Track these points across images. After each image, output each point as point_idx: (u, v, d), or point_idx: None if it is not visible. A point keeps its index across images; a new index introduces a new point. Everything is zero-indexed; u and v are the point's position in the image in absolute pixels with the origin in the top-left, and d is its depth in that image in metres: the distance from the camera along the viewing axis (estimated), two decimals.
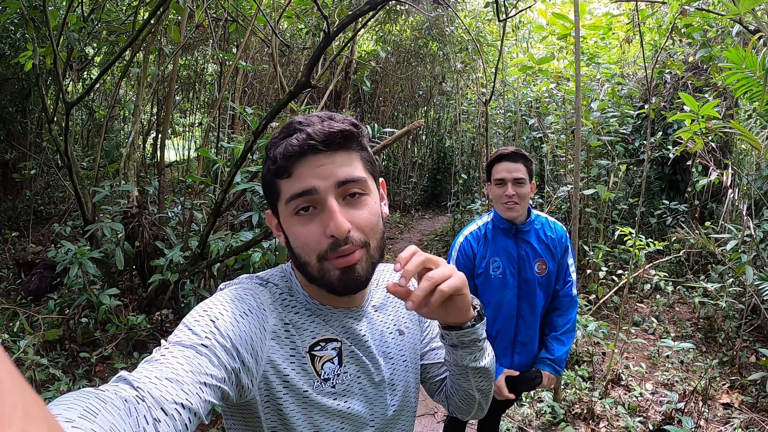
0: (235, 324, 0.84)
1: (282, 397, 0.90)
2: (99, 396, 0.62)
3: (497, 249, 2.38)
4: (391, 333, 1.09)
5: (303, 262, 0.91)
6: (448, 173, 11.41)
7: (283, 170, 0.89)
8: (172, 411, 0.68)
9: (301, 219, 0.89)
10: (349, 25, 4.53)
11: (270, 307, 0.94)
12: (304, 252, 0.90)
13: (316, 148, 0.87)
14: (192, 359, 0.75)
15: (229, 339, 0.81)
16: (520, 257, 2.38)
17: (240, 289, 0.94)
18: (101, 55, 6.15)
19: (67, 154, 4.31)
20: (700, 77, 6.11)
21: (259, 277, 1.00)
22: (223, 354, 0.79)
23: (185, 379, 0.72)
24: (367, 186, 0.92)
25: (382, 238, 0.94)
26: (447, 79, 10.97)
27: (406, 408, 1.11)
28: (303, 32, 8.33)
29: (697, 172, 6.20)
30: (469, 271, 2.38)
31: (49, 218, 7.07)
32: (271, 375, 0.89)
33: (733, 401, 4.08)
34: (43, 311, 4.40)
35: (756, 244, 4.39)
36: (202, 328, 0.81)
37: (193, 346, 0.77)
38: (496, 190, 2.33)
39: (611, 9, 6.43)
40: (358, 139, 0.93)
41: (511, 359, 2.45)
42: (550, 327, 2.52)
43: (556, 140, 7.42)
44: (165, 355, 0.76)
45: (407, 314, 1.15)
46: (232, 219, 5.42)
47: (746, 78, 3.19)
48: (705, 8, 3.89)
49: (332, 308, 0.99)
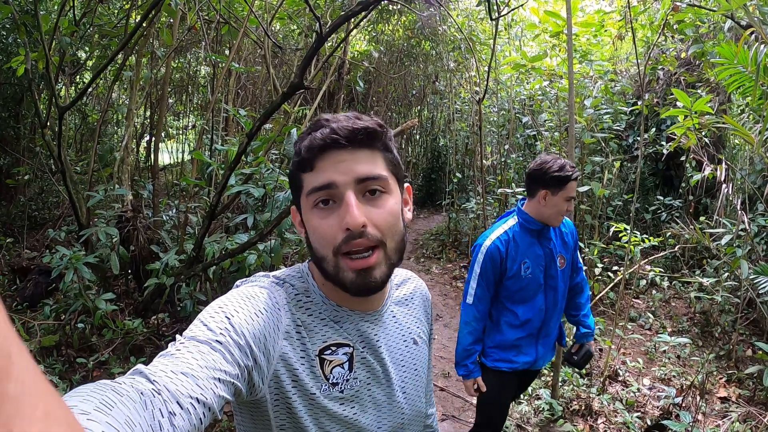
0: (249, 322, 0.85)
1: (292, 396, 0.90)
2: (115, 389, 0.62)
3: (526, 250, 2.48)
4: (406, 341, 1.10)
5: (320, 257, 0.92)
6: (443, 172, 11.41)
7: (306, 163, 0.91)
8: (188, 405, 0.68)
9: (320, 212, 0.91)
10: (342, 26, 4.52)
11: (285, 306, 0.95)
12: (320, 245, 0.91)
13: (339, 143, 0.89)
14: (206, 355, 0.76)
15: (243, 336, 0.82)
16: (546, 255, 2.52)
17: (256, 287, 0.94)
18: (93, 58, 6.13)
19: (60, 159, 4.30)
20: (692, 73, 6.13)
21: (276, 276, 1.01)
22: (236, 351, 0.80)
23: (200, 374, 0.73)
24: (387, 185, 0.93)
25: (401, 241, 0.95)
26: (440, 79, 10.97)
27: (416, 417, 1.12)
28: (295, 33, 8.32)
29: (691, 167, 6.23)
30: (497, 274, 2.48)
31: (44, 224, 7.04)
32: (282, 373, 0.90)
33: (730, 395, 4.10)
34: (39, 317, 4.38)
35: (751, 238, 4.41)
36: (217, 324, 0.81)
37: (207, 341, 0.78)
38: (561, 204, 2.42)
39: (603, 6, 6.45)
40: (383, 138, 0.94)
41: (536, 350, 2.61)
42: (575, 308, 2.82)
43: (549, 138, 7.43)
44: (180, 349, 0.76)
45: (421, 327, 1.17)
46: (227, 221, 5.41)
47: (739, 73, 3.22)
48: (697, 4, 3.90)
49: (348, 311, 1.00)
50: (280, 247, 4.15)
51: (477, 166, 9.08)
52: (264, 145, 4.36)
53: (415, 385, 1.10)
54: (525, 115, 8.21)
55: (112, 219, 4.75)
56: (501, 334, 2.54)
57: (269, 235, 3.93)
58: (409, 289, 1.18)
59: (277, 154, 5.39)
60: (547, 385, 4.16)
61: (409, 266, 7.94)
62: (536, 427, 3.77)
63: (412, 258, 8.50)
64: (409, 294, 1.17)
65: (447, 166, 10.65)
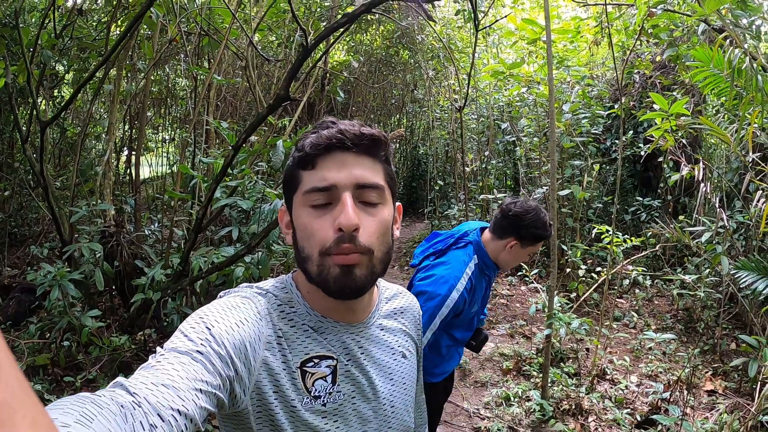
0: (230, 332, 0.83)
1: (274, 408, 0.89)
2: (95, 401, 0.62)
3: (479, 291, 2.40)
4: (395, 355, 1.08)
5: (305, 257, 0.91)
6: (424, 180, 11.46)
7: (308, 160, 0.91)
8: (169, 417, 0.67)
9: (314, 211, 0.90)
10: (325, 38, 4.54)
11: (267, 317, 0.93)
12: (308, 244, 0.90)
13: (345, 144, 0.89)
14: (187, 366, 0.75)
15: (224, 347, 0.80)
16: (488, 285, 2.48)
17: (238, 297, 0.93)
18: (72, 72, 6.07)
19: (42, 175, 4.24)
20: (667, 76, 6.27)
21: (259, 287, 0.99)
22: (218, 361, 0.78)
23: (181, 386, 0.72)
24: (384, 196, 0.94)
25: (387, 252, 0.94)
26: (419, 87, 11.05)
27: (401, 431, 1.10)
28: (274, 44, 8.33)
29: (669, 168, 6.35)
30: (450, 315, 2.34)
31: (24, 240, 6.91)
32: (265, 384, 0.89)
33: (717, 387, 4.18)
34: (24, 336, 4.30)
35: (729, 235, 4.52)
36: (198, 335, 0.80)
37: (188, 352, 0.77)
38: (524, 257, 2.35)
39: (579, 13, 6.57)
40: (385, 149, 0.95)
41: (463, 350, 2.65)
42: None
43: (529, 143, 7.54)
44: (161, 361, 0.75)
45: (411, 342, 1.16)
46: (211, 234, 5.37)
47: (713, 75, 3.30)
48: (672, 9, 4.00)
49: (333, 322, 0.98)
50: (267, 259, 4.14)
51: (458, 173, 9.16)
52: (249, 157, 4.36)
53: (403, 400, 1.09)
54: (504, 121, 8.32)
55: (95, 234, 4.69)
56: (440, 356, 2.47)
57: (257, 248, 3.92)
58: (401, 303, 1.16)
59: (262, 167, 5.38)
60: (537, 387, 4.20)
61: (393, 274, 7.96)
62: (528, 428, 3.80)
63: (396, 266, 8.50)
64: (400, 308, 1.15)
65: (428, 174, 10.72)
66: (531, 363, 4.69)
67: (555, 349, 4.68)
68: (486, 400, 4.22)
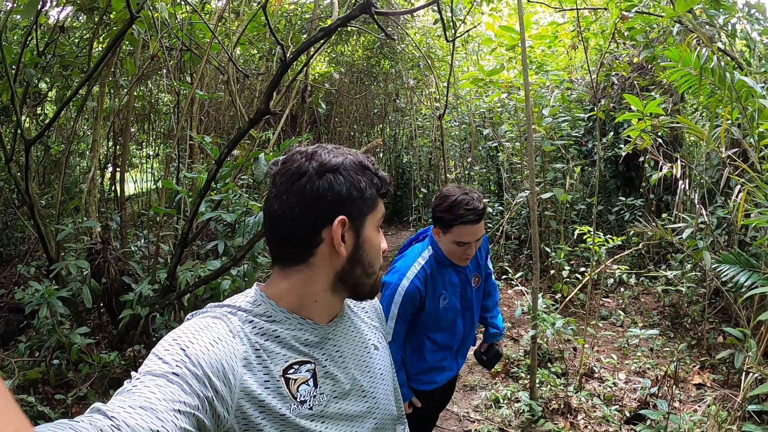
0: (205, 352, 0.84)
1: (263, 426, 0.90)
2: (73, 427, 0.63)
3: (443, 282, 2.38)
4: (367, 348, 1.14)
5: (372, 271, 1.06)
6: (408, 188, 11.52)
7: (387, 192, 1.08)
8: None
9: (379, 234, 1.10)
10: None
11: (240, 333, 0.94)
12: (377, 260, 1.07)
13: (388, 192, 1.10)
14: (164, 388, 0.76)
15: (200, 367, 0.82)
16: (462, 282, 2.45)
17: (209, 317, 0.95)
18: (55, 89, 6.06)
19: (28, 193, 4.23)
20: (645, 77, 6.37)
21: (228, 305, 1.00)
22: (194, 382, 0.80)
23: (159, 407, 0.72)
24: None
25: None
26: (401, 96, 11.12)
27: (390, 422, 1.14)
28: (256, 58, 8.36)
29: (650, 167, 6.44)
30: (416, 311, 2.36)
31: (11, 260, 6.85)
32: (246, 405, 0.89)
33: (704, 380, 4.25)
34: (14, 355, 4.27)
35: (711, 230, 4.60)
36: (173, 356, 0.82)
37: (164, 374, 0.78)
38: (455, 249, 2.25)
39: (556, 18, 6.68)
40: None
41: (457, 363, 2.63)
42: (484, 310, 2.76)
43: (511, 148, 7.61)
44: (137, 385, 0.76)
45: (377, 333, 1.23)
46: (197, 249, 5.37)
47: (687, 74, 3.38)
48: (645, 11, 4.09)
49: (311, 322, 1.03)
50: (253, 271, 4.15)
51: (441, 180, 9.21)
52: (232, 171, 4.37)
53: (384, 390, 1.13)
54: (486, 127, 8.39)
55: (81, 252, 4.68)
56: (424, 362, 2.48)
57: (242, 260, 3.93)
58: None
59: (245, 180, 5.40)
60: (526, 388, 4.23)
61: None
62: (518, 429, 3.83)
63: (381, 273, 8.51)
64: (361, 305, 1.25)
65: (412, 182, 10.77)
66: (519, 365, 4.73)
67: (542, 350, 4.72)
68: (475, 403, 4.25)
